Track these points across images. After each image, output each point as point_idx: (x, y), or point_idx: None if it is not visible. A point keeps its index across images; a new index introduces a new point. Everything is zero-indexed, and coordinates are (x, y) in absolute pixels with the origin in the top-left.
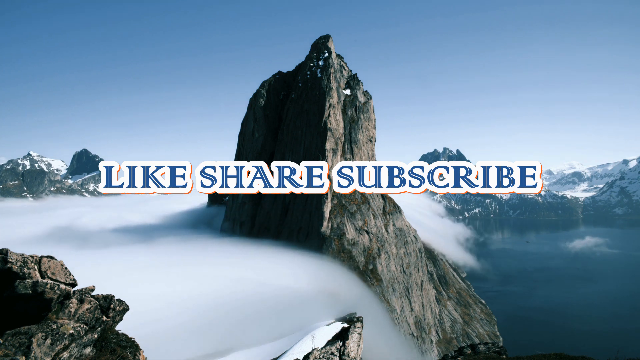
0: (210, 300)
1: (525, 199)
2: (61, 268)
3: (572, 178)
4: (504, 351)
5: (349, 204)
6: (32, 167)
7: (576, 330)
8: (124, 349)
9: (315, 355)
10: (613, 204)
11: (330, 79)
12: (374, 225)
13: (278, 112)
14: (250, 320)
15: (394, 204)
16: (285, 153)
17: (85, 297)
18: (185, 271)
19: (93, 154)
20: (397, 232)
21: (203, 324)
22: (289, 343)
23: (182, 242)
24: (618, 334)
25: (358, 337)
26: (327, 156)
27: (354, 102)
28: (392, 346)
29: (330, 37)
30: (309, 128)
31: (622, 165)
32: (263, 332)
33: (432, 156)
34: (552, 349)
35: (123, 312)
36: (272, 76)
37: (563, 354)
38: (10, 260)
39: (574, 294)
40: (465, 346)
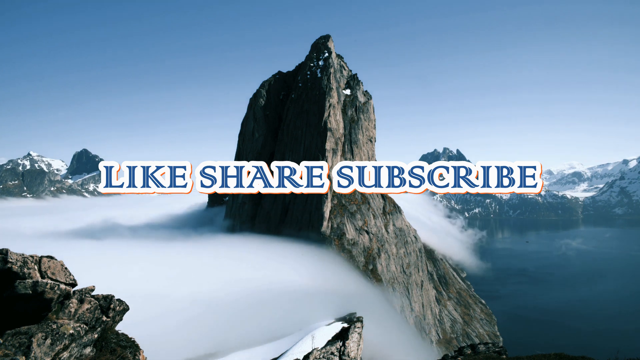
0: (210, 300)
1: (525, 199)
2: (61, 268)
3: (572, 178)
4: (504, 351)
5: (349, 204)
6: (32, 167)
7: (576, 330)
8: (124, 349)
9: (315, 355)
10: (613, 204)
11: (330, 79)
12: (374, 225)
13: (278, 112)
14: (250, 320)
15: (394, 204)
16: (285, 153)
17: (85, 297)
18: (185, 271)
19: (93, 154)
20: (397, 232)
21: (203, 323)
22: (289, 343)
23: (182, 241)
24: (618, 334)
25: (358, 337)
26: (327, 156)
27: (354, 102)
28: (394, 346)
29: (330, 37)
30: (309, 128)
31: (622, 165)
32: (263, 332)
33: (432, 156)
34: (552, 349)
35: (123, 312)
36: (272, 76)
37: (563, 354)
38: (10, 260)
39: (574, 293)
40: (465, 346)
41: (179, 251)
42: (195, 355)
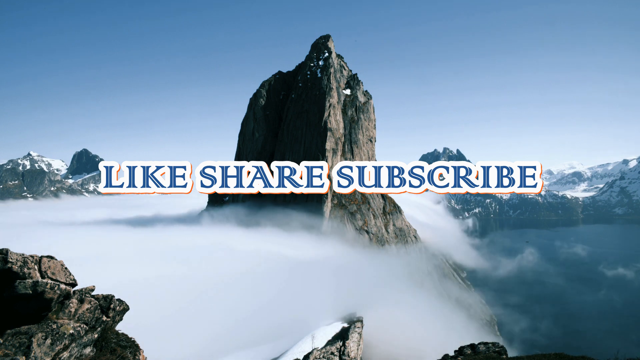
0: (210, 300)
1: (525, 199)
2: (61, 268)
3: (572, 178)
4: (504, 351)
5: (349, 204)
6: (32, 167)
7: (576, 330)
8: (124, 349)
9: (315, 355)
10: (613, 204)
11: (330, 78)
12: (374, 225)
13: (278, 112)
14: (250, 319)
15: (394, 204)
16: (285, 153)
17: (85, 297)
18: (185, 270)
19: (93, 154)
20: (397, 232)
21: (203, 323)
22: (289, 343)
23: (182, 241)
24: (618, 334)
25: (358, 337)
26: (327, 156)
27: (354, 102)
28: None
29: (330, 37)
30: (309, 128)
31: (622, 165)
32: (263, 332)
33: (432, 156)
34: (552, 349)
35: (123, 312)
36: (272, 76)
37: (563, 354)
38: (10, 260)
39: (575, 293)
40: (465, 346)
41: (179, 251)
42: (195, 354)
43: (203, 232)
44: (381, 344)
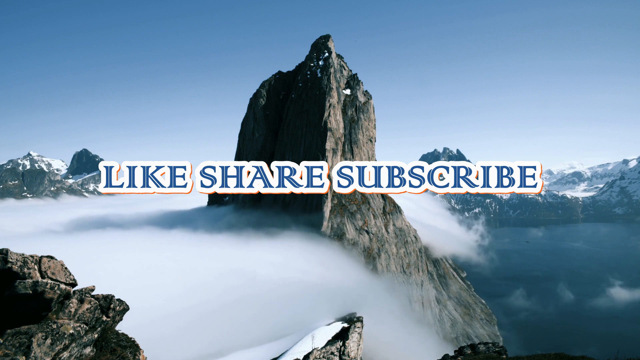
0: (210, 300)
1: (525, 198)
2: (61, 268)
3: (572, 178)
4: (504, 351)
5: (349, 204)
6: (32, 167)
7: (576, 330)
8: (124, 349)
9: (315, 355)
10: (613, 204)
11: (330, 78)
12: (374, 225)
13: (278, 112)
14: (250, 319)
15: (394, 203)
16: (285, 153)
17: (85, 297)
18: (186, 270)
19: (93, 154)
20: (397, 232)
21: (203, 323)
22: (289, 343)
23: (183, 240)
24: (618, 334)
25: (358, 337)
26: (327, 156)
27: (354, 102)
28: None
29: (330, 37)
30: (309, 128)
31: (622, 165)
32: (263, 332)
33: (432, 156)
34: (552, 349)
35: (123, 312)
36: (272, 76)
37: (563, 353)
38: (10, 260)
39: (575, 293)
40: (465, 346)
41: (179, 250)
42: (196, 355)
43: (202, 234)
44: (381, 344)
